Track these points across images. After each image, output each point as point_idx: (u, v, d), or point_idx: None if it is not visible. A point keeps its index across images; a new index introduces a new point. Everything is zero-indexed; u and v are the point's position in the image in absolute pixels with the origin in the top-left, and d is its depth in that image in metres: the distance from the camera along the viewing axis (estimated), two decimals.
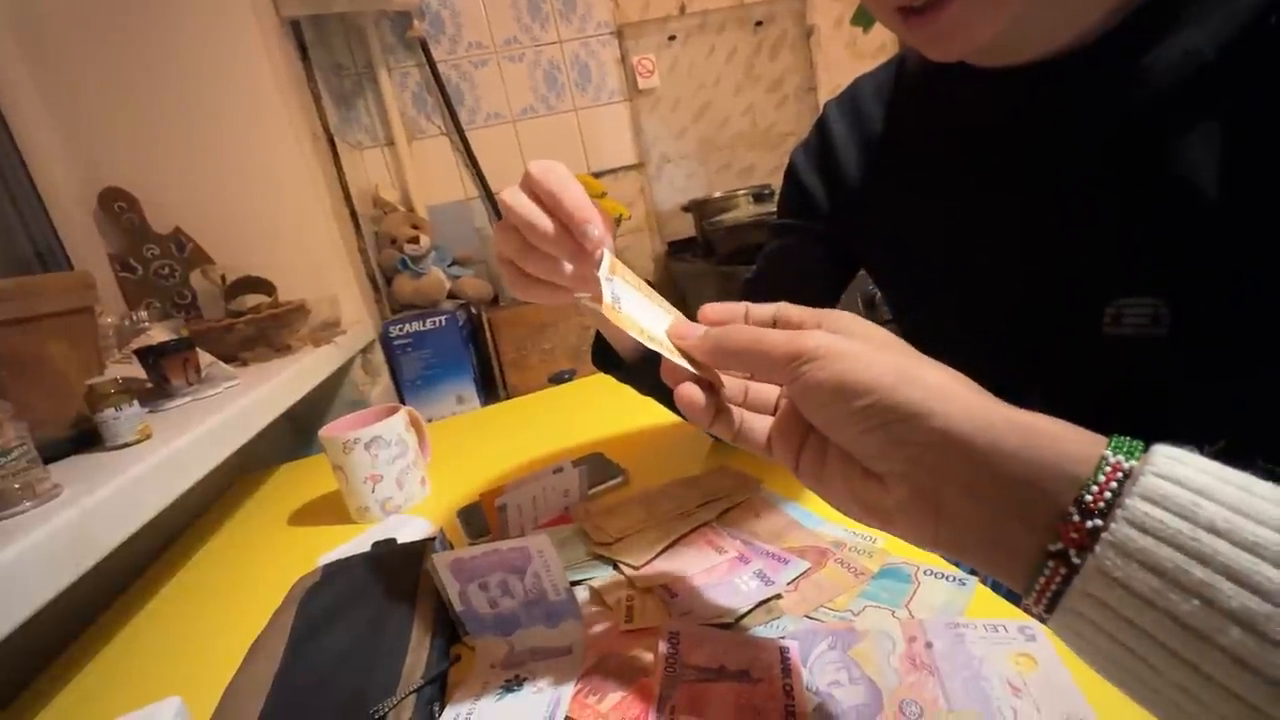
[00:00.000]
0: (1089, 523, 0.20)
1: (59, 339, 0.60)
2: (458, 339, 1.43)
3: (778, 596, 0.42)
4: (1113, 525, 0.20)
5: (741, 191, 1.62)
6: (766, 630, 0.39)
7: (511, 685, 0.38)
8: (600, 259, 0.35)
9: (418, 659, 0.40)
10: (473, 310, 1.60)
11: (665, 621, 0.40)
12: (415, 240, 1.48)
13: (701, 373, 0.31)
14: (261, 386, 0.79)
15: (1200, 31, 0.35)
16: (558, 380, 1.50)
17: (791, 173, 0.59)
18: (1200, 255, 0.36)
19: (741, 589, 0.42)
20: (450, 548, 0.52)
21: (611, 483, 0.63)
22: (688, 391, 0.31)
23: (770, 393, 0.33)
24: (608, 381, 0.59)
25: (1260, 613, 0.17)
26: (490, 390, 1.56)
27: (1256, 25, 0.33)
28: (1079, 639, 0.21)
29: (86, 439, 0.60)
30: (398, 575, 0.49)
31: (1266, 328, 0.35)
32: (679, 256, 1.82)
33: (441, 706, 0.38)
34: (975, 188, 0.46)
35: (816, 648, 0.37)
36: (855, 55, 1.94)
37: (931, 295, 0.51)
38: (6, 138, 0.97)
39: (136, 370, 0.75)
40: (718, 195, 1.63)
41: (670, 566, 0.46)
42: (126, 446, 0.58)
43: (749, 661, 0.36)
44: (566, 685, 0.37)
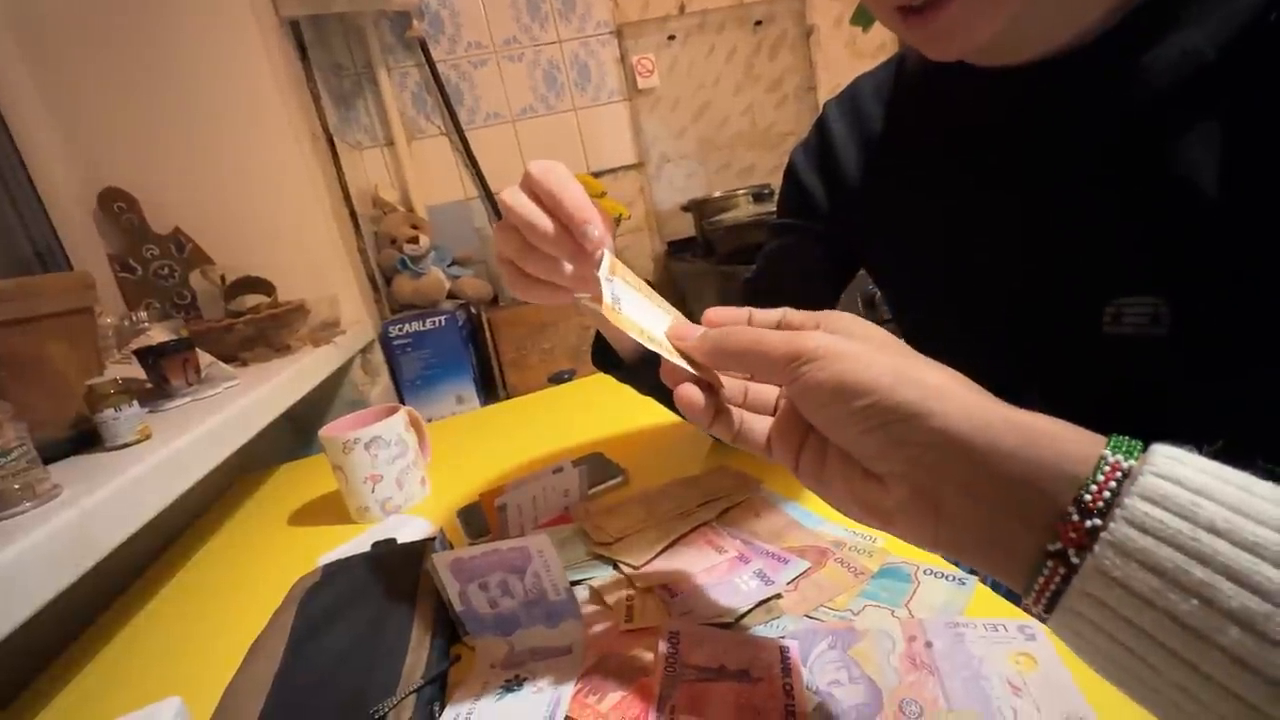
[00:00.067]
0: (1088, 522, 0.20)
1: (59, 339, 0.60)
2: (457, 339, 1.43)
3: (778, 596, 0.42)
4: (1112, 525, 0.20)
5: (741, 191, 1.62)
6: (766, 630, 0.39)
7: (511, 685, 0.38)
8: (600, 259, 0.35)
9: (418, 659, 0.40)
10: (472, 310, 1.60)
11: (665, 621, 0.40)
12: (415, 240, 1.48)
13: (701, 373, 0.31)
14: (261, 387, 0.79)
15: (1200, 31, 0.34)
16: (558, 380, 1.50)
17: (791, 172, 0.59)
18: (1200, 254, 0.36)
19: (741, 588, 0.43)
20: (450, 548, 0.52)
21: (611, 483, 0.63)
22: (687, 392, 0.31)
23: (770, 393, 0.33)
24: (608, 381, 0.59)
25: (1260, 612, 0.17)
26: (490, 390, 1.57)
27: (1256, 24, 0.33)
28: (1078, 638, 0.21)
29: (86, 439, 0.60)
30: (398, 575, 0.49)
31: (1266, 327, 0.35)
32: (679, 256, 1.83)
33: (441, 706, 0.38)
34: (975, 187, 0.46)
35: (816, 647, 0.37)
36: (855, 55, 1.94)
37: (931, 294, 0.51)
38: (6, 138, 0.97)
39: (136, 371, 0.75)
40: (717, 195, 1.63)
41: (670, 566, 0.46)
42: (126, 447, 0.58)
43: (749, 661, 0.36)
44: (566, 685, 0.37)
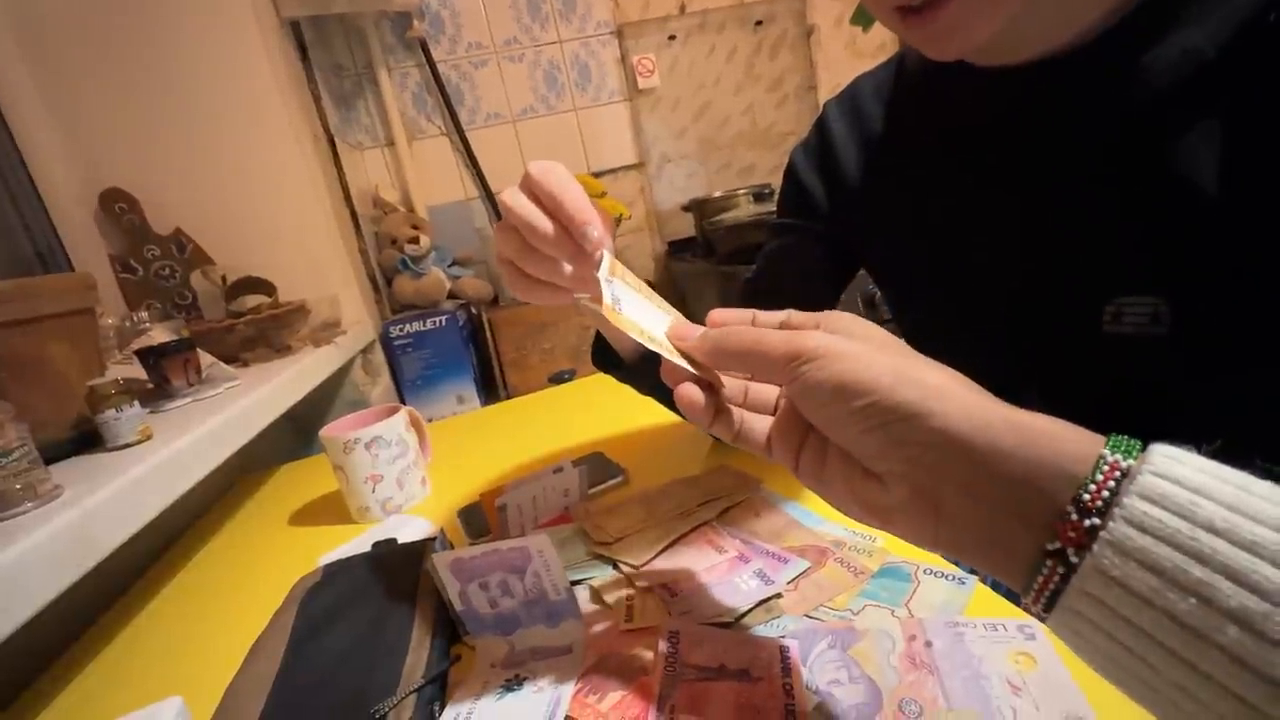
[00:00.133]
0: (1087, 522, 0.20)
1: (60, 340, 0.60)
2: (458, 339, 1.43)
3: (778, 596, 0.42)
4: (1110, 524, 0.20)
5: (741, 191, 1.62)
6: (766, 629, 0.39)
7: (512, 685, 0.38)
8: (600, 260, 0.35)
9: (418, 659, 0.40)
10: (473, 310, 1.60)
11: (665, 621, 0.41)
12: (415, 240, 1.48)
13: (701, 373, 0.31)
14: (262, 387, 0.79)
15: (1200, 30, 0.34)
16: (558, 380, 1.50)
17: (791, 172, 0.59)
18: (1200, 254, 0.36)
19: (741, 588, 0.43)
20: (450, 548, 0.52)
21: (611, 482, 0.63)
22: (688, 392, 0.31)
23: (770, 393, 0.33)
24: (608, 381, 0.59)
25: (1258, 611, 0.17)
26: (490, 390, 1.57)
27: (1256, 23, 0.33)
28: (1077, 638, 0.21)
29: (87, 440, 0.60)
30: (398, 575, 0.49)
31: (1266, 327, 0.35)
32: (679, 256, 1.83)
33: (442, 706, 0.38)
34: (975, 186, 0.46)
35: (816, 647, 0.37)
36: (855, 55, 1.94)
37: (931, 294, 0.51)
38: (6, 138, 0.97)
39: (137, 371, 0.75)
40: (718, 195, 1.63)
41: (670, 566, 0.46)
42: (127, 447, 0.58)
43: (749, 660, 0.36)
44: (566, 685, 0.37)
